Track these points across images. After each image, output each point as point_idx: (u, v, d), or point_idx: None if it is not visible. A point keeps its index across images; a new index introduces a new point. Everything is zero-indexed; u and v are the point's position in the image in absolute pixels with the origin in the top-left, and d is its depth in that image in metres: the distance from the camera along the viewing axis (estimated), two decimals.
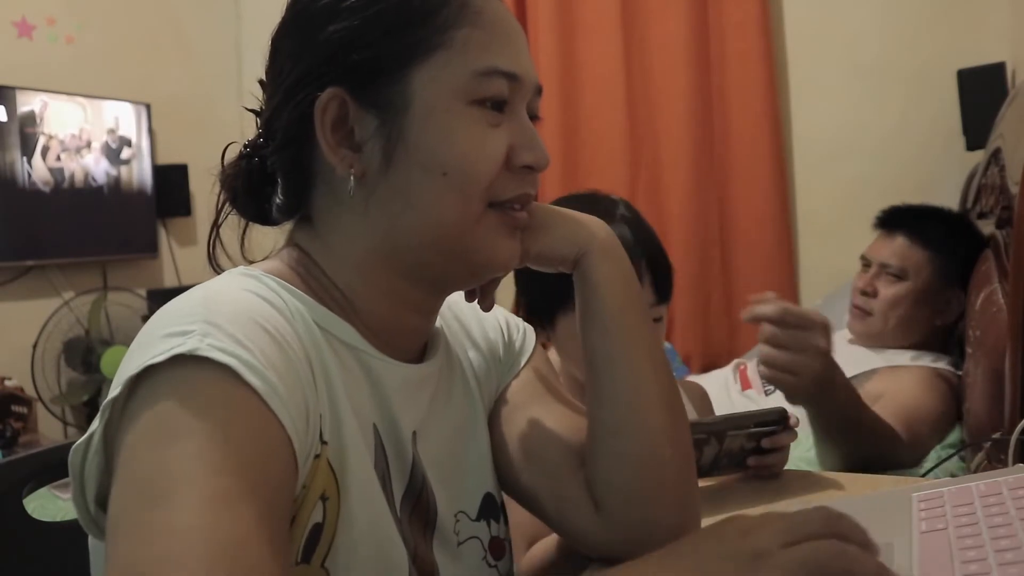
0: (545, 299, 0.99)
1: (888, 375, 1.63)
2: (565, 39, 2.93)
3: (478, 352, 0.80)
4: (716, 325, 2.77)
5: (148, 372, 0.53)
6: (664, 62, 2.80)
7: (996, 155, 1.73)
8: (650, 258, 0.97)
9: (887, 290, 1.71)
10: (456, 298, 0.80)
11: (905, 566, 0.55)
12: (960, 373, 1.63)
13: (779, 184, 2.69)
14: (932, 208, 1.82)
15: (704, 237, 2.78)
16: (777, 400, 1.74)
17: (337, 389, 0.62)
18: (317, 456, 0.59)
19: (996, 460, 1.21)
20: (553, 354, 1.07)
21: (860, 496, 0.79)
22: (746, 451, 0.85)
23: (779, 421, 0.84)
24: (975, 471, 1.34)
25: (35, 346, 2.89)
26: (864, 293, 1.74)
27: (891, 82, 2.55)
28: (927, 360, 1.66)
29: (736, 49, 2.70)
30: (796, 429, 0.92)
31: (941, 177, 2.45)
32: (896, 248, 1.73)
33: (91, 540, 0.62)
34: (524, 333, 0.84)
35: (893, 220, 1.78)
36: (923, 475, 1.55)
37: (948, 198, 2.35)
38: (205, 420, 0.51)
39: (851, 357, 1.65)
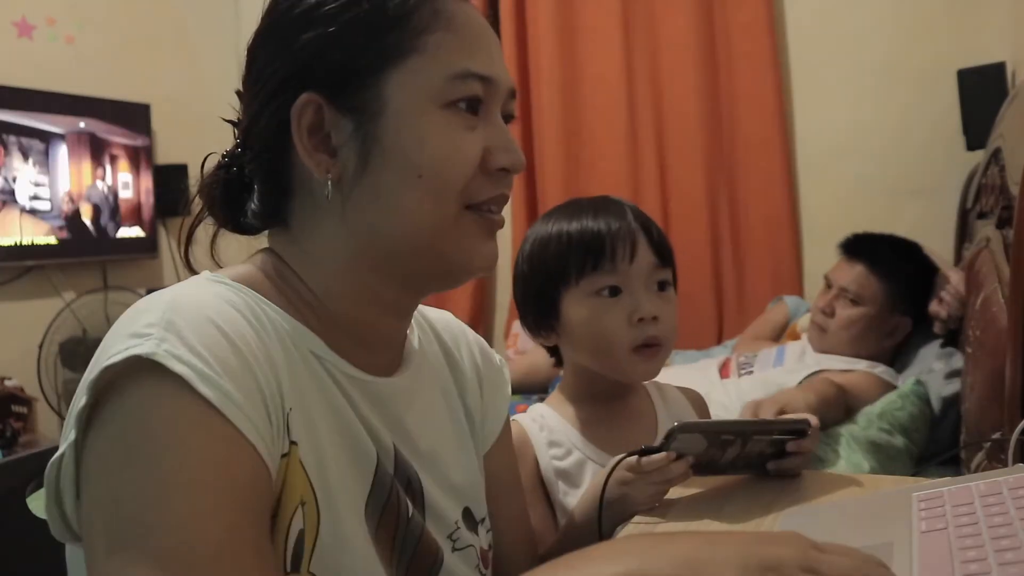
0: (546, 288, 0.99)
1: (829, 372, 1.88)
2: (565, 39, 2.93)
3: (458, 368, 0.82)
4: (729, 325, 2.77)
5: (110, 384, 0.54)
6: (672, 63, 2.80)
7: (996, 155, 1.73)
8: (644, 227, 0.98)
9: (843, 312, 1.93)
10: (436, 315, 0.83)
11: (905, 566, 0.55)
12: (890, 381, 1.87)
13: (788, 185, 2.69)
14: (892, 238, 2.01)
15: (714, 236, 2.79)
16: (750, 381, 1.93)
17: (309, 399, 0.63)
18: (285, 455, 0.59)
19: (996, 460, 1.21)
20: (541, 354, 1.10)
21: (860, 496, 0.79)
22: (764, 456, 0.85)
23: (803, 431, 0.85)
24: (975, 471, 1.34)
25: (40, 346, 2.89)
26: (823, 312, 1.96)
27: (892, 82, 2.55)
28: (862, 366, 1.88)
29: (743, 50, 2.70)
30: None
31: (941, 177, 2.45)
32: (855, 275, 1.94)
33: (68, 548, 0.62)
34: (500, 365, 0.87)
35: (855, 247, 1.99)
36: (914, 473, 1.60)
37: (948, 198, 2.36)
38: (165, 439, 0.53)
39: (803, 363, 1.95)
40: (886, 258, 1.95)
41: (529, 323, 1.04)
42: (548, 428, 1.01)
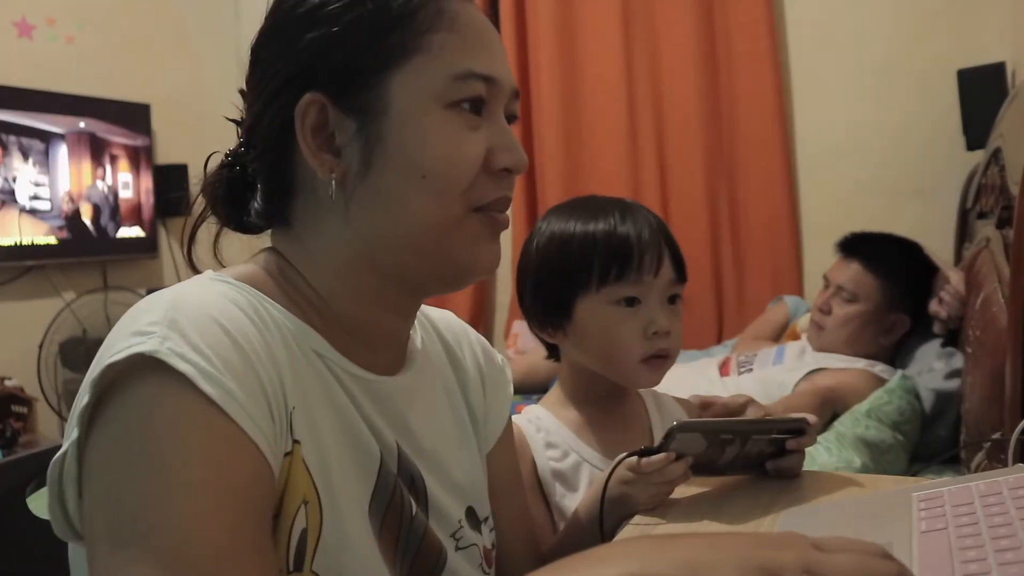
0: (562, 288, 0.98)
1: (828, 370, 1.91)
2: (565, 39, 2.93)
3: (461, 367, 0.82)
4: (729, 324, 2.77)
5: (113, 382, 0.54)
6: (672, 63, 2.81)
7: (996, 155, 1.73)
8: (667, 240, 0.98)
9: (840, 310, 1.96)
10: (438, 315, 0.83)
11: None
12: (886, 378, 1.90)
13: (788, 185, 2.70)
14: (890, 236, 2.03)
15: (714, 236, 2.79)
16: (750, 379, 1.95)
17: (311, 398, 0.63)
18: (288, 453, 0.59)
19: (996, 460, 1.21)
20: (542, 354, 1.08)
21: (860, 496, 0.79)
22: (763, 455, 0.85)
23: (800, 430, 0.85)
24: (975, 471, 1.34)
25: (40, 346, 2.89)
26: (820, 310, 1.99)
27: (892, 82, 2.55)
28: (860, 364, 1.90)
29: (743, 50, 2.70)
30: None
31: (941, 177, 2.45)
32: (852, 273, 1.97)
33: (71, 547, 0.62)
34: (502, 365, 0.88)
35: (852, 246, 2.02)
36: (914, 473, 1.63)
37: (948, 198, 2.36)
38: (167, 438, 0.53)
39: (802, 362, 1.99)
40: (882, 255, 1.97)
41: (536, 319, 1.02)
42: (545, 430, 1.01)
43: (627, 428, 1.03)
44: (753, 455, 0.84)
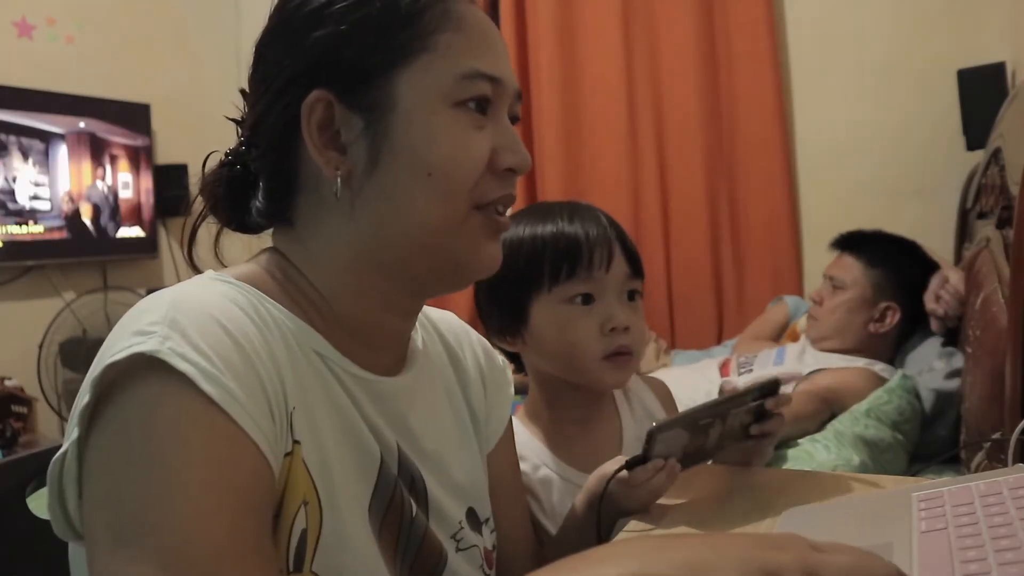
0: (516, 293, 0.97)
1: (827, 370, 1.91)
2: (565, 39, 2.93)
3: (462, 368, 0.82)
4: (729, 325, 2.77)
5: (113, 382, 0.54)
6: (672, 63, 2.81)
7: (996, 155, 1.73)
8: (619, 236, 0.98)
9: (830, 299, 2.01)
10: (439, 315, 0.83)
11: (905, 566, 0.55)
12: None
13: (788, 185, 2.70)
14: (884, 233, 2.07)
15: (714, 236, 2.79)
16: (750, 379, 1.92)
17: (312, 398, 0.63)
18: (288, 454, 0.60)
19: (996, 460, 1.21)
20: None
21: (860, 496, 0.79)
22: (745, 425, 0.85)
23: (774, 391, 0.85)
24: (975, 471, 1.34)
25: (40, 346, 2.89)
26: (814, 301, 2.07)
27: (892, 82, 2.55)
28: (860, 363, 1.92)
29: (743, 50, 2.70)
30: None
31: (941, 177, 2.45)
32: (842, 264, 2.03)
33: (71, 547, 0.62)
34: (503, 366, 0.88)
35: (845, 242, 2.08)
36: (914, 473, 1.62)
37: (948, 198, 2.36)
38: (168, 438, 0.53)
39: (802, 362, 1.99)
40: (870, 246, 2.01)
41: (494, 328, 1.01)
42: (515, 442, 1.00)
43: (596, 433, 1.01)
44: (736, 428, 0.85)
